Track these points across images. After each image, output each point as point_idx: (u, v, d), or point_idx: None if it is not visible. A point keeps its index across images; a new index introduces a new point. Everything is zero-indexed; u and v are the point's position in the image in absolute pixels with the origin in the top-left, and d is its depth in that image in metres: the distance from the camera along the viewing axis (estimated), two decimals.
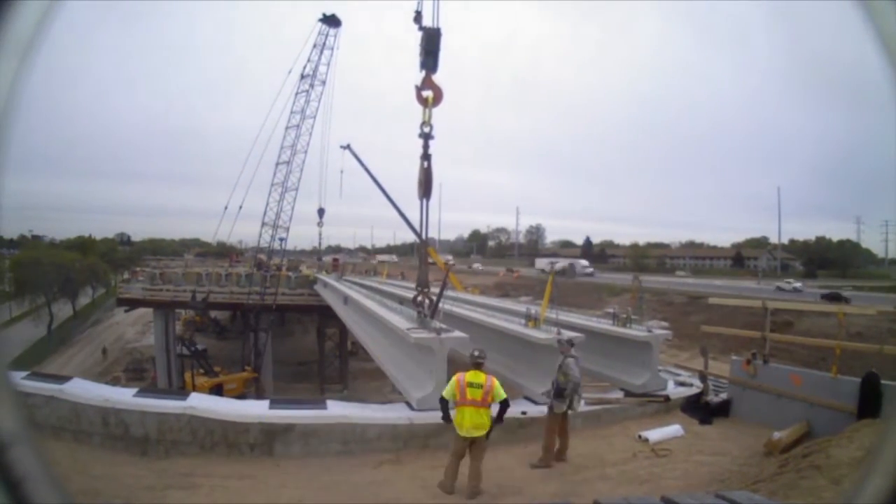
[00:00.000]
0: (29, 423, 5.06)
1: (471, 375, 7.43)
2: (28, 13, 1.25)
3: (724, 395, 11.44)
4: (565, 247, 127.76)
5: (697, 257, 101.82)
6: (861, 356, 11.43)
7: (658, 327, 13.94)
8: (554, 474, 8.08)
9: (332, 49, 37.05)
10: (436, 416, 7.76)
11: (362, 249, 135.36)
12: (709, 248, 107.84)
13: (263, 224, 37.59)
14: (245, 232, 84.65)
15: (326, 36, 36.93)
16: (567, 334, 10.27)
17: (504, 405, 7.44)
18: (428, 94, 11.35)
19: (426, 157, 11.39)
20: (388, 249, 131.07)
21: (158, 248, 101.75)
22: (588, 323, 13.23)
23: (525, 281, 57.42)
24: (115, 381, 29.85)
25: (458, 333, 10.42)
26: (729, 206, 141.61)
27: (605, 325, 12.88)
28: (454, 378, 7.57)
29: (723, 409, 10.97)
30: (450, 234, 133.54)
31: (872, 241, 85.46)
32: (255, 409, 9.06)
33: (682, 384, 12.49)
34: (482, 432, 7.29)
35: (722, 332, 15.65)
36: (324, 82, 37.13)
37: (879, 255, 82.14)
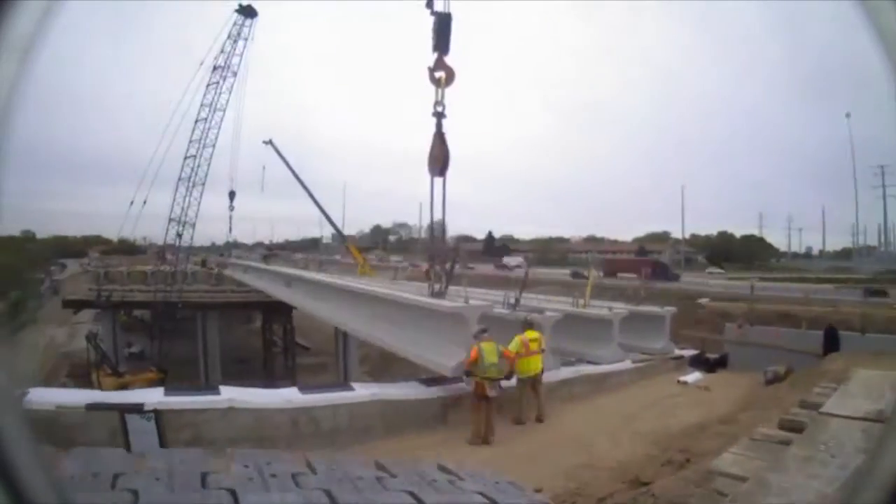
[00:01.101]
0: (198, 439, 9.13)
1: (529, 334, 10.84)
2: (28, 13, 1.31)
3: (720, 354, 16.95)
4: (466, 241, 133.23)
5: (600, 251, 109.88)
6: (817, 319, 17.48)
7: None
8: (645, 406, 12.44)
9: (247, 40, 38.81)
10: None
11: (259, 245, 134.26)
12: (610, 243, 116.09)
13: (170, 220, 38.72)
14: (147, 228, 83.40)
15: (241, 26, 38.67)
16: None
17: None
18: (440, 74, 12.50)
19: (440, 134, 12.48)
20: (287, 245, 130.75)
21: (63, 246, 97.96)
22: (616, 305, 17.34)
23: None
24: (63, 387, 27.53)
25: (479, 301, 12.40)
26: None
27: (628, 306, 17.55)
28: (518, 338, 10.71)
29: (721, 363, 16.35)
30: (349, 230, 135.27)
31: (776, 237, 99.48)
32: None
33: (683, 348, 17.70)
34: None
35: (717, 307, 21.53)
36: (235, 73, 38.80)
37: (781, 249, 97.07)
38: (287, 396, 9.92)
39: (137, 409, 8.73)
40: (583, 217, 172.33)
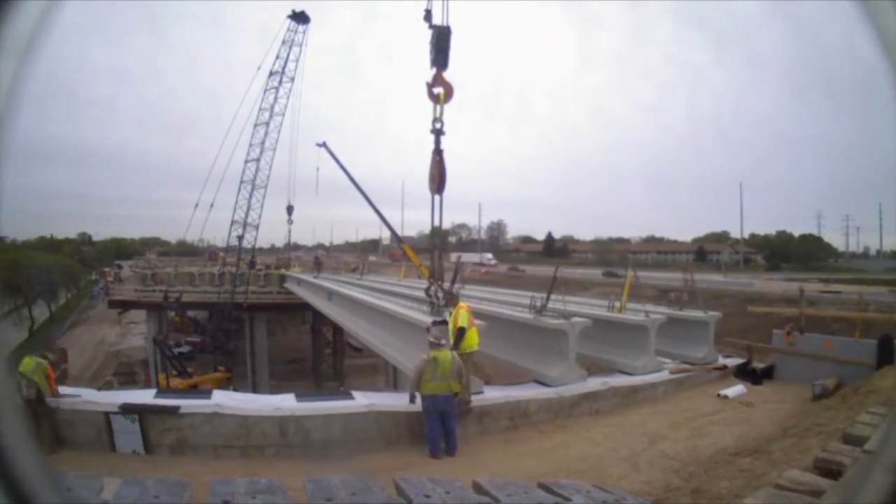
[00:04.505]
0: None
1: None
2: (28, 13, 1.26)
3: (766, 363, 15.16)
4: (526, 242, 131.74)
5: (660, 251, 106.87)
6: (872, 325, 15.51)
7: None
8: (676, 424, 10.75)
9: (301, 46, 38.41)
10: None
11: (320, 247, 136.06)
12: (670, 243, 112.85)
13: (233, 222, 38.91)
14: (213, 230, 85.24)
15: (295, 32, 38.27)
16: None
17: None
18: (439, 90, 11.91)
19: (438, 152, 12.00)
20: (347, 247, 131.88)
21: (120, 248, 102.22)
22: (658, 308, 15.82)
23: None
24: (107, 386, 28.08)
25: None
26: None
27: (668, 310, 15.63)
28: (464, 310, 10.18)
29: (768, 373, 14.53)
30: (409, 231, 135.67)
31: (832, 237, 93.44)
32: None
33: (728, 356, 15.82)
34: None
35: (768, 311, 19.61)
36: (292, 79, 38.53)
37: (839, 248, 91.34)
38: (278, 403, 9.29)
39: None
40: (644, 217, 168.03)
